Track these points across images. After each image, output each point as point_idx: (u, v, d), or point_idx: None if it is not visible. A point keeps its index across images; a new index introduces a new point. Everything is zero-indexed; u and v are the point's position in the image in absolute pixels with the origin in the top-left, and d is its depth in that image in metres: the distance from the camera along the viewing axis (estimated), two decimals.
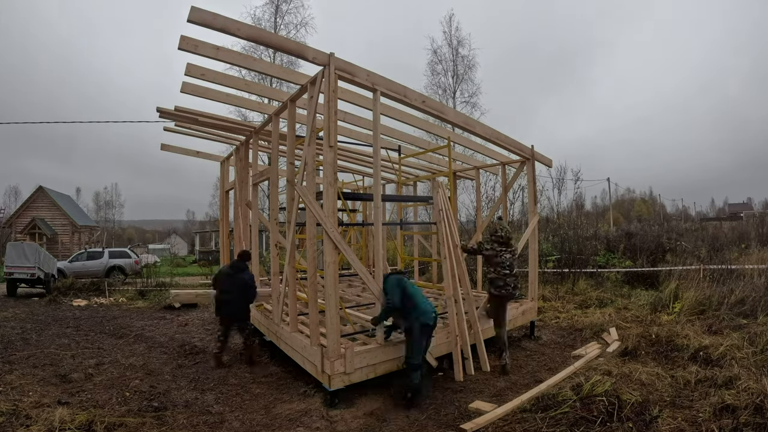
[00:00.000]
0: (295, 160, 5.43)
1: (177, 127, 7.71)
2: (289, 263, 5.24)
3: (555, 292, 9.98)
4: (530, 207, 7.33)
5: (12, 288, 12.55)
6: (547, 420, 3.73)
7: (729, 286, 7.60)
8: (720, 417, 3.47)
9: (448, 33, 26.23)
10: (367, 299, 7.34)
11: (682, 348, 5.36)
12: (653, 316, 7.41)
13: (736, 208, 59.75)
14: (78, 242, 29.26)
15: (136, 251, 20.67)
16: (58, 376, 5.27)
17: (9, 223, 28.37)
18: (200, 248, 31.87)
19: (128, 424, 3.91)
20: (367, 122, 6.61)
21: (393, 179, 10.02)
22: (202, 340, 7.21)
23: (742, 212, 45.28)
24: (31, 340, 7.01)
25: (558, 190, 39.89)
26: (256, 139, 7.11)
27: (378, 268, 4.85)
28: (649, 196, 69.47)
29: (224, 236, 10.20)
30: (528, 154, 7.18)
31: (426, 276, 11.59)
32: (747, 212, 41.66)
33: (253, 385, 5.07)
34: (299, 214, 5.42)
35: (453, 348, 5.21)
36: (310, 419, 4.12)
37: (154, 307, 10.66)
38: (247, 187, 7.49)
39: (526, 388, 4.68)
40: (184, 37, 4.48)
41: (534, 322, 7.05)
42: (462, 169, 9.15)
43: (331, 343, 4.36)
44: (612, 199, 43.02)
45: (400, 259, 8.74)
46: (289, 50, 4.55)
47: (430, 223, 9.42)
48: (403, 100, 5.25)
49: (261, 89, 8.12)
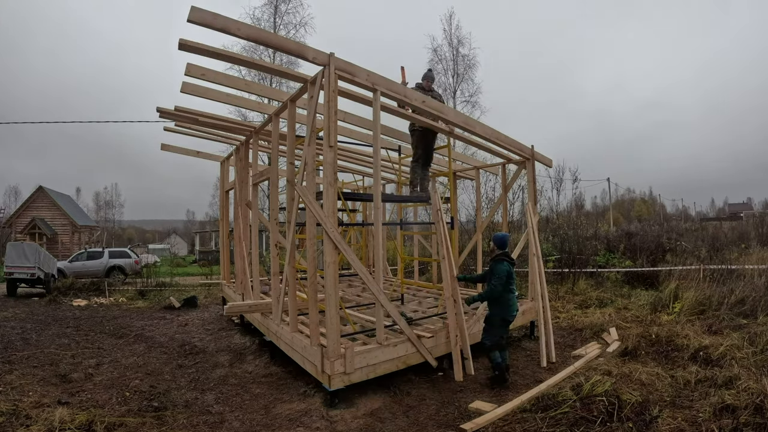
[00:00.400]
0: (295, 160, 5.43)
1: (177, 127, 7.71)
2: (289, 263, 5.24)
3: (555, 292, 9.97)
4: (530, 207, 7.33)
5: (12, 288, 12.55)
6: (547, 420, 3.73)
7: (729, 286, 7.60)
8: (720, 417, 3.47)
9: (449, 32, 26.24)
10: (367, 299, 7.34)
11: (682, 348, 5.36)
12: (653, 316, 7.41)
13: (736, 208, 59.76)
14: (78, 242, 29.25)
15: (136, 251, 20.68)
16: (58, 376, 5.27)
17: (9, 223, 28.37)
18: (200, 248, 31.88)
19: (128, 424, 3.91)
20: (367, 122, 6.61)
21: (393, 179, 10.02)
22: (202, 340, 7.21)
23: (742, 212, 45.29)
24: (31, 340, 7.01)
25: (557, 191, 39.92)
26: (256, 139, 7.11)
27: (378, 268, 4.85)
28: (649, 196, 69.52)
29: (224, 236, 10.20)
30: (528, 154, 7.18)
31: (426, 276, 11.60)
32: (747, 212, 41.64)
33: (253, 385, 5.07)
34: (299, 214, 5.42)
35: (453, 348, 5.21)
36: (310, 419, 4.12)
37: (154, 307, 10.66)
38: (247, 187, 7.49)
39: (526, 388, 4.68)
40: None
41: (534, 322, 7.04)
42: (462, 169, 9.15)
43: (331, 343, 4.36)
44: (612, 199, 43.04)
45: (400, 259, 8.74)
46: (289, 50, 4.55)
47: (430, 223, 9.42)
48: (403, 100, 5.25)
49: (261, 89, 8.13)
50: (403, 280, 7.83)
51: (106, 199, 56.30)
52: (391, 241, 13.10)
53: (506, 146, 6.81)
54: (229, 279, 9.77)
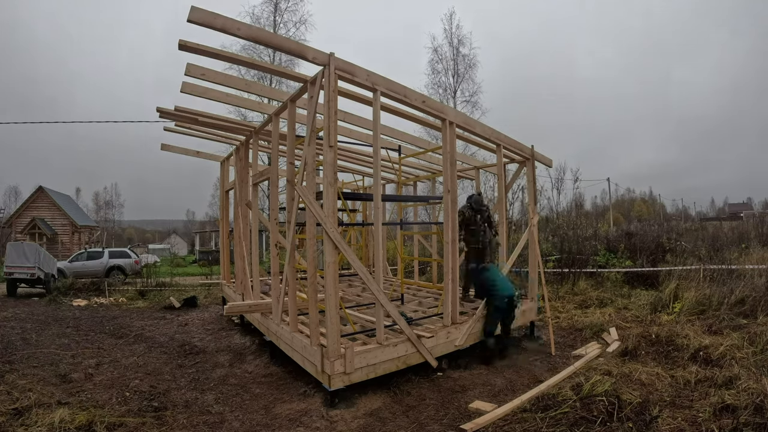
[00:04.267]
0: (295, 160, 5.43)
1: (177, 127, 7.70)
2: (289, 263, 5.24)
3: (555, 292, 9.97)
4: (530, 207, 7.33)
5: (12, 288, 12.55)
6: (547, 420, 3.73)
7: (729, 286, 7.59)
8: (720, 417, 3.47)
9: (449, 31, 26.25)
10: (367, 299, 7.34)
11: (682, 348, 5.36)
12: (653, 316, 7.41)
13: (736, 208, 59.78)
14: (78, 242, 29.26)
15: (136, 251, 20.68)
16: (58, 376, 5.27)
17: (9, 223, 28.38)
18: (200, 248, 31.93)
19: (128, 424, 3.91)
20: (367, 122, 6.61)
21: (393, 179, 10.02)
22: (202, 340, 7.21)
23: (742, 212, 45.29)
24: (31, 340, 7.00)
25: (557, 190, 39.91)
26: (256, 139, 7.11)
27: (378, 268, 4.85)
28: (649, 196, 69.61)
29: (224, 236, 10.19)
30: (528, 154, 7.18)
31: (426, 276, 11.59)
32: (747, 212, 41.66)
33: (253, 385, 5.07)
34: (299, 214, 5.41)
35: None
36: (310, 419, 4.12)
37: (154, 307, 10.66)
38: (247, 187, 7.48)
39: (526, 388, 4.68)
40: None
41: (534, 323, 7.05)
42: (462, 169, 9.14)
43: (331, 343, 4.36)
44: (612, 199, 43.05)
45: (400, 259, 8.74)
46: (290, 50, 4.55)
47: (430, 223, 9.41)
48: (403, 100, 5.25)
49: (261, 89, 8.12)
50: (403, 280, 7.82)
51: (105, 199, 56.33)
52: (391, 241, 13.10)
53: (506, 146, 6.81)
54: (229, 279, 9.76)
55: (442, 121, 5.66)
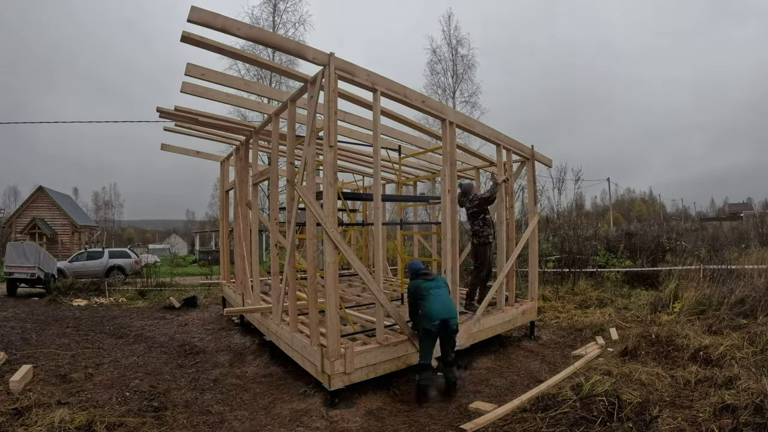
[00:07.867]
0: (295, 160, 5.43)
1: (177, 127, 7.70)
2: (289, 263, 5.24)
3: (555, 292, 9.97)
4: (530, 207, 7.33)
5: (12, 288, 12.54)
6: (547, 420, 3.73)
7: (729, 286, 7.60)
8: (720, 417, 3.47)
9: (447, 32, 26.22)
10: (367, 299, 7.34)
11: (682, 348, 5.35)
12: (653, 316, 7.41)
13: (736, 208, 59.73)
14: (78, 242, 29.24)
15: (136, 251, 20.68)
16: (58, 376, 5.26)
17: (9, 223, 28.36)
18: (200, 248, 31.93)
19: (128, 424, 3.91)
20: (367, 122, 6.61)
21: (393, 179, 10.01)
22: (202, 340, 7.21)
23: (742, 212, 45.27)
24: (31, 340, 7.00)
25: (558, 190, 39.91)
26: (256, 139, 7.11)
27: (378, 268, 4.84)
28: (649, 196, 69.64)
29: (224, 236, 10.19)
30: (528, 154, 7.18)
31: None
32: (747, 212, 41.63)
33: (253, 385, 5.07)
34: (299, 214, 5.42)
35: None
36: (310, 419, 4.12)
37: (154, 307, 10.66)
38: (247, 187, 7.48)
39: (526, 388, 4.68)
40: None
41: (534, 323, 7.04)
42: (462, 169, 9.14)
43: (331, 343, 4.36)
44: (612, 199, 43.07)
45: (400, 259, 8.74)
46: (289, 50, 4.55)
47: (430, 223, 9.41)
48: (403, 100, 5.25)
49: (261, 89, 8.13)
50: (403, 280, 7.81)
51: (105, 199, 56.24)
52: (391, 241, 13.09)
53: (506, 146, 6.81)
54: (229, 279, 9.76)
55: (441, 121, 5.67)
